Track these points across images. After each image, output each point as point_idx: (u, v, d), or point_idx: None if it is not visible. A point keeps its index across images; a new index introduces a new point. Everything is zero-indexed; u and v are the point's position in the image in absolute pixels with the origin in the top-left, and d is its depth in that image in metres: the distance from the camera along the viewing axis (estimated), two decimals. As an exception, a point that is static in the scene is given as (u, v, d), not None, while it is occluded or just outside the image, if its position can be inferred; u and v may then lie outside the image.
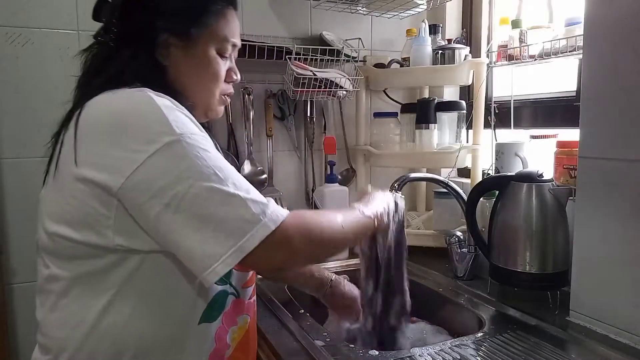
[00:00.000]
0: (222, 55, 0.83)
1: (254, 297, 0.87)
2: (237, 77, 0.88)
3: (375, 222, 0.89)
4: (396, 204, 0.97)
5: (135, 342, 0.72)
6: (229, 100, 0.89)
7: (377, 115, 1.55)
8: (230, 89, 0.88)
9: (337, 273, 1.39)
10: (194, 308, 0.75)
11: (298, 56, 1.40)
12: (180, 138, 0.66)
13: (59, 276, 0.72)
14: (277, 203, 0.73)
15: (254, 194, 0.69)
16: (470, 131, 1.49)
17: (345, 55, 1.48)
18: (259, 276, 1.04)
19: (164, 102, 0.69)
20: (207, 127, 0.88)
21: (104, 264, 0.70)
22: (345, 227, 0.81)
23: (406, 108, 1.53)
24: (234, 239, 0.65)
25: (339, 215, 0.81)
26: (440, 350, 0.89)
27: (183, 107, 0.72)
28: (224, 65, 0.84)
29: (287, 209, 0.74)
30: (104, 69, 0.76)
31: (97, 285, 0.71)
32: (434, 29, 1.50)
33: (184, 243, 0.66)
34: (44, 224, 0.73)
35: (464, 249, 1.27)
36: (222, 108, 0.89)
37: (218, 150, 0.79)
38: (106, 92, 0.71)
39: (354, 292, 1.10)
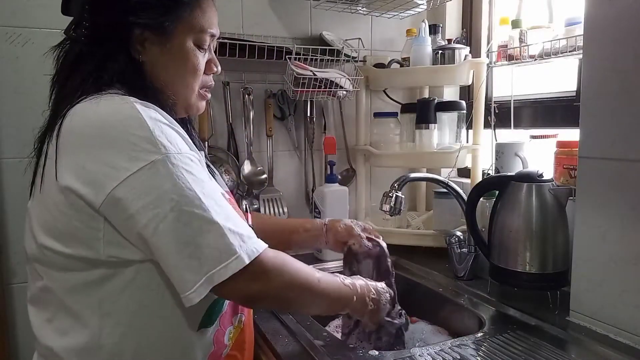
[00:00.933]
0: (200, 47, 0.80)
1: None
2: (218, 68, 0.86)
3: (354, 298, 0.84)
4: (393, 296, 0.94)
5: (134, 352, 0.71)
6: (209, 95, 0.87)
7: (377, 115, 1.55)
8: (210, 81, 0.86)
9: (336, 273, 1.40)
10: (192, 315, 0.74)
11: (298, 56, 1.40)
12: (166, 158, 0.65)
13: (52, 288, 0.71)
14: (277, 203, 0.73)
15: (234, 222, 0.68)
16: (470, 131, 1.49)
17: (345, 55, 1.48)
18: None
19: (152, 114, 0.67)
20: (187, 122, 0.87)
21: (98, 275, 0.69)
22: (321, 282, 0.79)
23: (406, 108, 1.53)
24: (207, 267, 0.65)
25: (317, 272, 0.80)
26: (440, 350, 0.89)
27: (171, 120, 0.70)
28: (202, 58, 0.81)
29: (287, 208, 0.74)
30: (78, 68, 0.74)
31: (94, 297, 0.70)
32: (434, 29, 1.50)
33: (163, 262, 0.66)
34: (34, 236, 0.72)
35: (464, 249, 1.27)
36: (203, 104, 0.86)
37: (207, 162, 0.80)
38: (89, 99, 0.69)
39: (348, 224, 1.08)
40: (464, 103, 1.46)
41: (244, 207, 0.99)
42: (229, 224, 0.67)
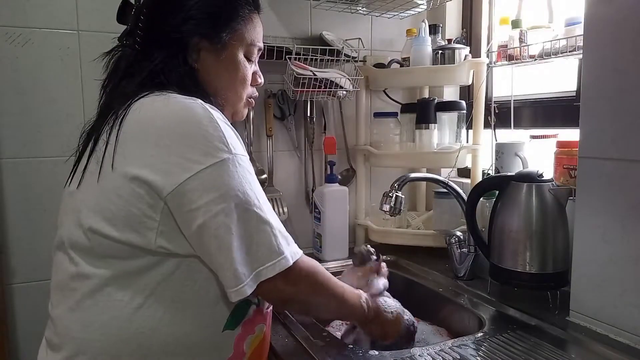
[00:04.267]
0: (248, 59, 0.85)
1: (271, 307, 0.86)
2: (261, 80, 0.91)
3: (371, 315, 0.91)
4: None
5: (160, 348, 0.71)
6: (253, 102, 0.92)
7: (377, 115, 1.55)
8: (255, 92, 0.91)
9: (337, 273, 1.40)
10: (220, 315, 0.75)
11: (298, 56, 1.40)
12: (235, 157, 0.70)
13: (88, 275, 0.71)
14: (277, 203, 0.75)
15: (281, 226, 0.74)
16: (470, 131, 1.49)
17: (345, 55, 1.48)
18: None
19: (220, 116, 0.72)
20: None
21: (140, 265, 0.70)
22: (345, 295, 0.86)
23: (406, 108, 1.53)
24: (258, 264, 0.69)
25: (343, 285, 0.87)
26: (440, 350, 0.89)
27: (231, 125, 0.74)
28: (250, 69, 0.86)
29: (287, 208, 0.76)
30: (134, 72, 0.77)
31: (130, 287, 0.70)
32: (434, 29, 1.50)
33: (218, 257, 0.69)
34: (80, 221, 0.72)
35: (464, 249, 1.27)
36: (246, 110, 0.91)
37: None
38: (153, 95, 0.72)
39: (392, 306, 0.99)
40: (464, 103, 1.46)
41: None
42: (278, 226, 0.73)
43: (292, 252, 0.73)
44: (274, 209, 1.45)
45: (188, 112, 0.70)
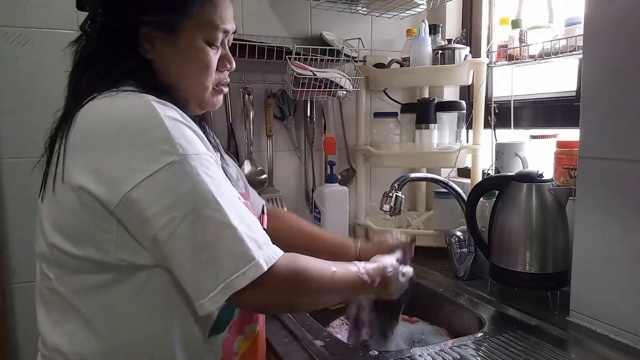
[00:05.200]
0: (212, 44, 0.77)
1: None
2: (232, 65, 0.82)
3: (374, 283, 0.82)
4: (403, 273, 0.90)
5: (148, 357, 0.69)
6: (225, 90, 0.84)
7: (377, 115, 1.55)
8: (225, 78, 0.83)
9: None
10: (203, 322, 0.72)
11: (298, 56, 1.40)
12: (183, 159, 0.63)
13: (60, 290, 0.69)
14: (277, 203, 0.72)
15: (251, 226, 0.66)
16: (470, 131, 1.49)
17: (345, 55, 1.48)
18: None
19: (170, 113, 0.66)
20: (202, 119, 0.86)
21: (109, 279, 0.67)
22: (336, 279, 0.76)
23: (406, 108, 1.53)
24: (224, 274, 0.62)
25: (332, 267, 0.77)
26: (440, 350, 0.89)
27: (189, 119, 0.68)
28: (214, 55, 0.78)
29: (287, 208, 0.73)
30: (92, 65, 0.73)
31: (104, 300, 0.68)
32: (434, 29, 1.50)
33: (178, 269, 0.64)
34: (44, 235, 0.70)
35: (464, 249, 1.27)
36: (219, 98, 0.83)
37: (224, 160, 0.77)
38: (102, 96, 0.68)
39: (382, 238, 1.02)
40: (464, 103, 1.46)
41: (262, 207, 0.96)
42: (246, 229, 0.64)
43: (266, 256, 0.65)
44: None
45: (131, 115, 0.65)
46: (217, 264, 0.62)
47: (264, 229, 0.72)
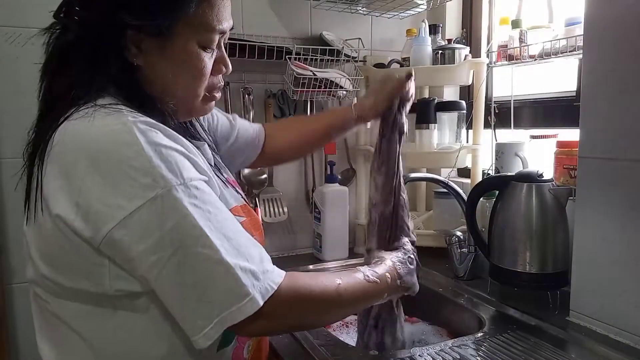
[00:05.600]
0: (207, 47, 0.70)
1: None
2: (228, 68, 0.75)
3: (385, 294, 0.79)
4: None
5: None
6: (218, 95, 0.77)
7: (377, 115, 1.55)
8: (219, 82, 0.76)
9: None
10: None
11: (298, 56, 1.40)
12: (167, 192, 0.57)
13: (59, 315, 0.65)
14: (277, 203, 0.69)
15: (247, 255, 0.61)
16: (470, 131, 1.49)
17: (345, 55, 1.48)
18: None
19: (152, 137, 0.59)
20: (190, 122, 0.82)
21: (108, 307, 0.63)
22: (343, 295, 0.71)
23: (406, 108, 1.53)
24: (218, 310, 0.58)
25: (337, 280, 0.71)
26: (440, 350, 0.89)
27: (176, 136, 0.63)
28: (209, 59, 0.71)
29: (287, 208, 0.70)
30: (68, 63, 0.66)
31: (107, 324, 0.64)
32: (434, 29, 1.50)
33: (169, 307, 0.61)
34: (34, 264, 0.65)
35: (464, 249, 1.27)
36: (211, 105, 0.77)
37: (215, 168, 0.74)
38: (80, 113, 0.61)
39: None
40: (464, 103, 1.46)
41: (254, 203, 0.96)
42: (240, 261, 0.60)
43: (262, 289, 0.60)
44: (274, 209, 1.48)
45: (109, 144, 0.58)
46: (209, 302, 0.59)
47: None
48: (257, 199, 1.08)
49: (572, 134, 1.13)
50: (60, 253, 0.61)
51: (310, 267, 1.42)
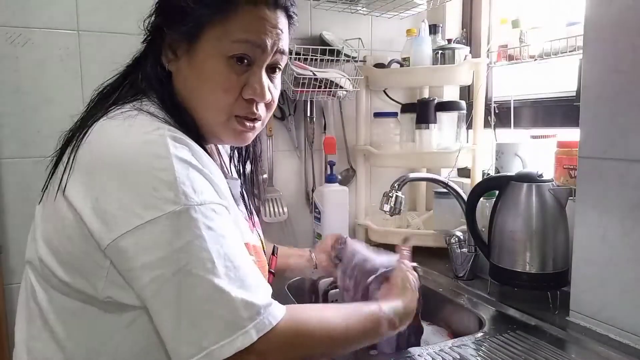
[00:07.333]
0: (235, 61, 0.67)
1: None
2: (262, 94, 0.69)
3: (388, 329, 0.74)
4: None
5: None
6: (251, 124, 0.71)
7: (377, 115, 1.55)
8: (252, 110, 0.69)
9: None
10: None
11: (298, 56, 1.40)
12: (185, 210, 0.57)
13: (45, 306, 0.64)
14: (277, 203, 0.68)
15: (250, 287, 0.59)
16: (470, 131, 1.49)
17: (345, 55, 1.48)
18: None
19: (182, 154, 0.59)
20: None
21: (95, 310, 0.62)
22: (349, 331, 0.69)
23: (406, 108, 1.53)
24: (208, 341, 0.56)
25: (343, 316, 0.69)
26: (440, 350, 0.89)
27: (202, 156, 0.63)
28: (235, 77, 0.67)
29: (287, 208, 0.70)
30: (134, 65, 0.72)
31: (84, 330, 0.63)
32: (434, 29, 1.50)
33: (159, 326, 0.59)
34: (36, 247, 0.65)
35: (464, 249, 1.27)
36: (244, 135, 0.71)
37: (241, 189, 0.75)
38: (120, 114, 0.63)
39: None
40: (464, 103, 1.46)
41: (272, 248, 0.99)
42: (242, 293, 0.58)
43: (261, 323, 0.58)
44: (274, 209, 1.48)
45: (141, 152, 0.59)
46: (201, 329, 0.56)
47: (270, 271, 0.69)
48: (275, 247, 1.10)
49: (572, 134, 1.13)
50: (67, 246, 0.61)
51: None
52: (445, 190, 1.30)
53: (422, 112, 1.43)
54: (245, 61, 0.67)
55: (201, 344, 0.56)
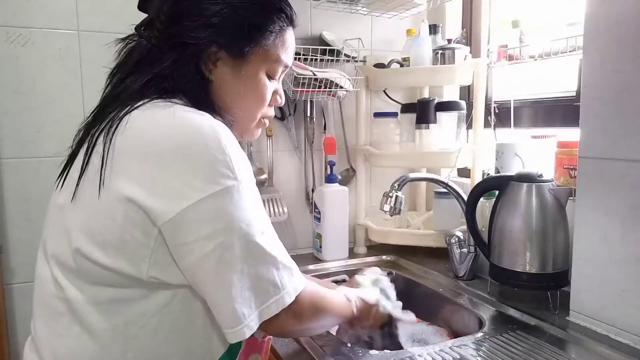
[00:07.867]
0: (271, 77, 0.78)
1: (269, 336, 0.81)
2: (282, 100, 0.84)
3: (354, 309, 0.88)
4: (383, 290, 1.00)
5: None
6: (267, 123, 0.84)
7: (377, 115, 1.55)
8: (271, 112, 0.83)
9: (336, 273, 1.40)
10: (215, 349, 0.70)
11: (298, 56, 1.40)
12: (239, 185, 0.63)
13: (75, 299, 0.65)
14: (277, 203, 0.72)
15: (285, 255, 0.69)
16: (470, 131, 1.49)
17: (345, 55, 1.48)
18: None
19: (229, 137, 0.66)
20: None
21: (131, 295, 0.64)
22: (341, 309, 0.85)
23: (406, 108, 1.53)
24: (260, 301, 0.65)
25: (336, 294, 0.86)
26: (440, 350, 0.89)
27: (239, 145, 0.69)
28: (271, 88, 0.79)
29: (287, 209, 0.74)
30: (142, 68, 0.71)
31: (119, 318, 0.65)
32: (434, 29, 1.50)
33: (214, 295, 0.64)
34: (69, 239, 0.66)
35: (464, 249, 1.27)
36: (258, 131, 0.84)
37: None
38: (154, 105, 0.66)
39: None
40: (464, 103, 1.46)
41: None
42: (283, 258, 0.68)
43: (294, 285, 0.68)
44: (274, 209, 1.48)
45: (194, 131, 0.63)
46: (255, 290, 0.64)
47: None
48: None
49: (572, 134, 1.13)
50: (112, 228, 0.63)
51: (311, 267, 1.42)
52: (445, 190, 1.30)
53: (422, 112, 1.43)
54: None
55: (255, 304, 0.64)
